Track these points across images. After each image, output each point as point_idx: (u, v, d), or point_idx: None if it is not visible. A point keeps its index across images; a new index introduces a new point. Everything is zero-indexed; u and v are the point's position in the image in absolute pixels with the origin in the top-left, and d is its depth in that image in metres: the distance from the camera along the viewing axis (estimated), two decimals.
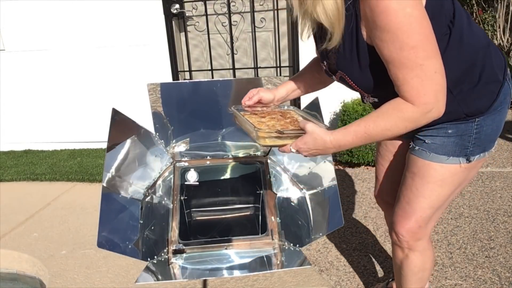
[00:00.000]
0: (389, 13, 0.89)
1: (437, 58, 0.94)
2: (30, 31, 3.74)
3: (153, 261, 1.62)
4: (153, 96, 2.00)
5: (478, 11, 4.81)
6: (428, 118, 0.97)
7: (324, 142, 1.07)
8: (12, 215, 2.78)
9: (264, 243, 1.74)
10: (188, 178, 1.99)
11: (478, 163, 1.17)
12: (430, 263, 1.35)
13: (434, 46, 0.94)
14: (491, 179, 2.80)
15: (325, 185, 1.74)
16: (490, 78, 1.09)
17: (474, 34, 1.08)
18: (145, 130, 1.98)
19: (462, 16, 1.06)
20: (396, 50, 0.93)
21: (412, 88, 0.94)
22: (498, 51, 1.14)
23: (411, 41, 0.91)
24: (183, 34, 3.74)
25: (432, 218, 1.25)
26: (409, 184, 1.22)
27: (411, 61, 0.92)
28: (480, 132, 1.12)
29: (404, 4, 0.89)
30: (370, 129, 1.01)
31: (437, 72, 0.93)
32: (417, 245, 1.29)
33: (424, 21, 0.92)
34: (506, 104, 1.14)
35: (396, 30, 0.90)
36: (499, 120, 1.14)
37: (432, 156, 1.15)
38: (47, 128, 4.03)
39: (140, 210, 1.74)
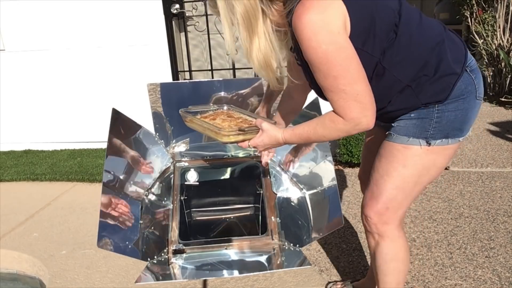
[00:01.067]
0: (310, 51, 1.05)
1: (358, 83, 1.07)
2: (30, 31, 3.73)
3: (153, 261, 1.62)
4: (153, 96, 2.00)
5: (478, 11, 4.81)
6: (359, 129, 1.12)
7: (277, 138, 1.26)
8: (12, 215, 2.78)
9: (264, 243, 1.74)
10: (188, 178, 1.99)
11: (443, 150, 1.22)
12: (403, 254, 1.35)
13: (354, 73, 1.06)
14: (491, 179, 2.80)
15: (325, 185, 1.74)
16: (446, 71, 1.16)
17: (425, 33, 1.16)
18: (145, 130, 1.99)
19: (411, 18, 1.15)
20: (322, 78, 1.09)
21: (339, 107, 1.10)
22: (457, 44, 1.20)
23: (331, 72, 1.06)
24: (183, 34, 3.74)
25: (401, 204, 1.28)
26: (376, 166, 1.31)
27: (335, 87, 1.07)
28: (441, 117, 1.19)
29: (320, 42, 1.03)
30: (310, 134, 1.19)
31: (359, 94, 1.07)
32: (386, 231, 1.31)
33: (342, 53, 1.04)
34: (470, 94, 1.19)
35: (318, 64, 1.06)
36: (464, 109, 1.19)
37: (396, 138, 1.24)
38: (47, 128, 4.03)
39: (140, 210, 1.74)
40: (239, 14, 1.10)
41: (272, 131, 1.26)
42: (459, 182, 2.80)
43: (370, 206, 1.31)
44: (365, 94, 1.08)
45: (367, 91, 1.08)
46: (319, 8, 1.03)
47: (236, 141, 1.31)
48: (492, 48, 4.67)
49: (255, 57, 1.16)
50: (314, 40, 1.03)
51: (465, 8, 4.98)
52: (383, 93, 1.19)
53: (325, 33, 1.03)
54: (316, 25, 1.03)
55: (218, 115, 1.51)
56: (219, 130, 1.31)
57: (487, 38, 4.70)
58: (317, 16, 1.03)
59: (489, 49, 4.71)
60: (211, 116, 1.50)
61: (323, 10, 1.03)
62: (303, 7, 1.04)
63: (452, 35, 1.21)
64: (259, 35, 1.13)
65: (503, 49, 4.54)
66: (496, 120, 4.03)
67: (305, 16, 1.03)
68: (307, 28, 1.03)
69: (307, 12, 1.03)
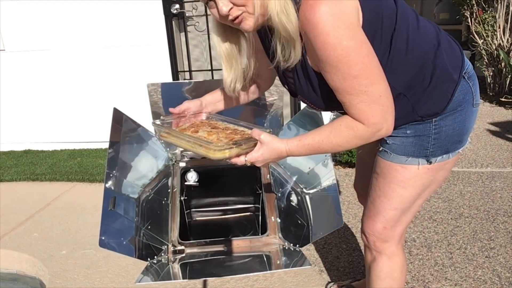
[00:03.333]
0: (327, 48, 0.92)
1: (381, 82, 0.96)
2: (30, 31, 3.73)
3: (153, 261, 1.62)
4: (154, 96, 2.00)
5: (478, 11, 4.81)
6: (378, 136, 1.01)
7: (280, 152, 1.09)
8: (12, 215, 2.78)
9: (264, 243, 1.74)
10: (188, 178, 1.99)
11: (444, 164, 1.14)
12: (399, 272, 1.28)
13: (377, 71, 0.96)
14: (491, 179, 2.80)
15: (325, 185, 1.74)
16: (443, 78, 1.06)
17: (422, 36, 1.06)
18: (146, 130, 1.99)
19: (407, 20, 1.05)
20: (339, 80, 0.96)
21: (360, 111, 0.98)
22: (454, 48, 1.11)
23: (352, 71, 0.93)
24: (183, 34, 3.74)
25: (399, 221, 1.22)
26: (373, 184, 1.22)
27: (355, 89, 0.95)
28: (440, 133, 1.10)
29: (340, 37, 0.91)
30: (323, 144, 1.04)
31: (382, 96, 0.96)
32: (385, 248, 1.26)
33: (363, 49, 0.94)
34: (467, 104, 1.10)
35: (337, 63, 0.93)
36: (462, 120, 1.10)
37: (393, 157, 1.14)
38: (47, 128, 4.03)
39: (140, 210, 1.74)
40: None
41: (273, 144, 1.08)
42: (459, 182, 2.80)
43: (367, 225, 1.26)
44: (388, 95, 0.98)
45: (389, 92, 0.98)
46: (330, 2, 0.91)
47: (230, 157, 1.10)
48: (492, 48, 4.67)
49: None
50: (333, 35, 0.90)
51: (465, 8, 4.98)
52: None
53: (345, 27, 0.91)
54: (334, 17, 0.90)
55: (199, 127, 1.28)
56: (209, 144, 1.10)
57: (487, 38, 4.70)
58: (334, 8, 0.90)
59: (489, 49, 4.71)
60: (191, 128, 1.26)
61: (338, 2, 0.92)
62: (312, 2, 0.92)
63: (448, 38, 1.13)
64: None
65: (503, 49, 4.54)
66: (496, 120, 4.03)
67: (319, 7, 0.90)
68: (323, 20, 0.90)
69: (320, 3, 0.91)
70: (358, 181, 1.56)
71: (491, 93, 4.89)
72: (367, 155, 1.39)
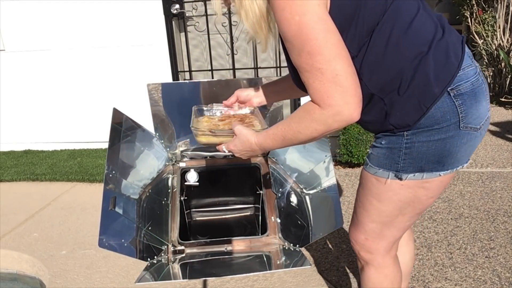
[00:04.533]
0: (282, 22, 0.91)
1: (338, 61, 0.89)
2: (30, 31, 3.74)
3: (153, 261, 1.62)
4: (153, 96, 2.00)
5: (478, 11, 4.81)
6: (340, 120, 0.92)
7: (250, 143, 1.11)
8: (12, 215, 2.78)
9: (264, 243, 1.74)
10: (188, 178, 1.99)
11: (421, 183, 1.05)
12: (389, 284, 1.22)
13: (334, 48, 0.89)
14: (491, 179, 2.80)
15: (325, 185, 1.74)
16: (422, 88, 0.97)
17: (409, 40, 0.97)
18: (146, 130, 1.99)
19: (396, 20, 0.97)
20: (296, 56, 0.93)
21: (315, 90, 0.92)
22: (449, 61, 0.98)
23: (305, 47, 0.90)
24: (183, 34, 3.74)
25: (381, 234, 1.16)
26: (357, 194, 1.20)
27: (310, 66, 0.91)
28: (411, 148, 1.01)
29: (294, 13, 0.88)
30: (285, 132, 1.02)
31: (338, 75, 0.89)
32: (370, 259, 1.22)
33: (319, 25, 0.89)
34: (449, 124, 0.98)
35: (291, 38, 0.91)
36: (440, 140, 0.99)
37: (369, 167, 1.11)
38: (47, 128, 4.03)
39: (140, 210, 1.75)
40: None
41: (244, 135, 1.12)
42: (459, 182, 2.80)
43: (351, 233, 1.25)
44: (347, 74, 0.89)
45: (349, 72, 0.90)
46: None
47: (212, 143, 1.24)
48: (492, 48, 4.68)
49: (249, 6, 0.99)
50: (288, 11, 0.89)
51: (465, 8, 4.98)
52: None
53: (300, 3, 0.88)
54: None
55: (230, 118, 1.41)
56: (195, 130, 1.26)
57: (487, 38, 4.70)
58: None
59: (489, 49, 4.71)
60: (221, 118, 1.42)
61: None
62: None
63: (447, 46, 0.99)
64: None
65: (503, 49, 4.54)
66: (496, 120, 4.03)
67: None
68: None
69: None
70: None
71: (491, 93, 4.89)
72: None
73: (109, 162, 1.64)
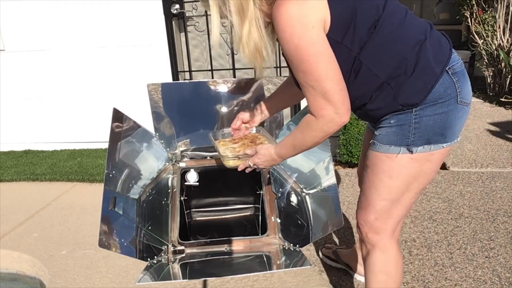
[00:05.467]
0: (283, 42, 1.06)
1: (328, 81, 1.06)
2: (30, 31, 3.74)
3: (153, 261, 1.62)
4: (154, 96, 2.00)
5: (478, 11, 4.81)
6: (333, 126, 1.11)
7: (271, 154, 1.32)
8: (12, 215, 2.78)
9: (264, 243, 1.74)
10: (188, 178, 1.99)
11: (428, 156, 1.18)
12: (393, 267, 1.30)
13: (323, 70, 1.05)
14: (491, 179, 2.80)
15: (325, 185, 1.74)
16: (425, 70, 1.12)
17: (406, 31, 1.13)
18: (146, 130, 1.99)
19: (394, 15, 1.13)
20: (294, 71, 1.11)
21: (310, 103, 1.11)
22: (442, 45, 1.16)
23: (300, 67, 1.07)
24: (183, 34, 3.74)
25: (390, 213, 1.25)
26: (364, 176, 1.29)
27: (304, 82, 1.09)
28: (420, 122, 1.15)
29: (293, 36, 1.03)
30: (294, 142, 1.23)
31: (327, 92, 1.06)
32: (377, 241, 1.29)
33: (313, 48, 1.04)
34: (449, 98, 1.14)
35: (290, 56, 1.08)
36: (443, 113, 1.14)
37: (379, 147, 1.21)
38: (47, 128, 4.03)
39: (140, 210, 1.75)
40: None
41: (265, 150, 1.34)
42: (459, 182, 2.80)
43: (360, 215, 1.32)
44: (334, 92, 1.07)
45: (336, 89, 1.07)
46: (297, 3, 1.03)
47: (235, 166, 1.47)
48: (492, 48, 4.67)
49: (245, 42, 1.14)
50: (288, 32, 1.04)
51: (465, 8, 4.97)
52: (363, 90, 1.18)
53: (299, 26, 1.03)
54: (292, 17, 1.03)
55: (242, 139, 1.62)
56: (222, 157, 1.49)
57: (487, 38, 4.70)
58: (294, 8, 1.03)
59: (489, 49, 4.71)
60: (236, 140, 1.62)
61: (302, 2, 1.03)
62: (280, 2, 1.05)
63: (438, 35, 1.18)
64: (250, 21, 1.12)
65: (503, 49, 4.54)
66: (496, 120, 4.03)
67: (283, 8, 1.03)
68: (283, 19, 1.04)
69: (286, 3, 1.03)
70: (361, 165, 1.63)
71: (491, 93, 4.89)
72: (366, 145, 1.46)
73: (109, 162, 1.64)
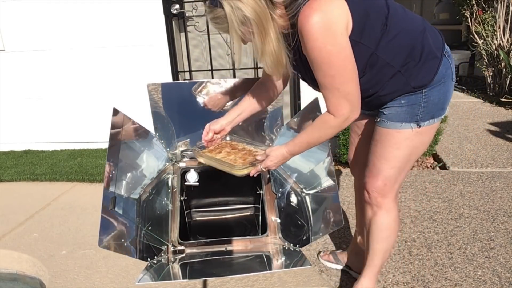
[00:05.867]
0: (314, 50, 1.16)
1: (351, 83, 1.22)
2: (30, 31, 3.73)
3: (153, 261, 1.62)
4: (154, 96, 2.00)
5: (478, 11, 4.81)
6: (348, 122, 1.29)
7: (282, 154, 1.45)
8: (12, 215, 2.78)
9: (264, 243, 1.74)
10: (188, 178, 1.99)
11: (430, 129, 1.39)
12: (394, 224, 1.53)
13: (351, 73, 1.21)
14: (491, 179, 2.80)
15: (325, 185, 1.74)
16: (430, 55, 1.30)
17: (410, 22, 1.30)
18: (146, 130, 1.99)
19: (397, 11, 1.29)
20: (320, 76, 1.22)
21: (332, 104, 1.25)
22: (436, 33, 1.35)
23: (330, 72, 1.19)
24: (183, 35, 3.74)
25: (397, 179, 1.46)
26: (373, 150, 1.46)
27: (331, 85, 1.22)
28: (428, 101, 1.34)
29: (326, 42, 1.15)
30: (309, 139, 1.37)
31: (349, 93, 1.23)
32: (384, 203, 1.49)
33: (342, 54, 1.18)
34: (448, 77, 1.35)
35: (320, 63, 1.19)
36: (445, 90, 1.35)
37: (389, 124, 1.38)
38: (47, 128, 4.03)
39: (140, 210, 1.74)
40: (251, 16, 1.16)
41: (276, 150, 1.46)
42: (459, 182, 2.80)
43: (371, 183, 1.48)
44: (354, 93, 1.24)
45: (356, 90, 1.24)
46: (325, 10, 1.14)
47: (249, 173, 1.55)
48: (492, 48, 4.68)
49: (269, 56, 1.23)
50: (320, 41, 1.14)
51: (465, 8, 4.98)
52: (377, 80, 1.31)
53: (330, 35, 1.14)
54: (323, 27, 1.13)
55: (223, 148, 1.72)
56: (233, 166, 1.56)
57: (487, 38, 4.70)
58: (323, 18, 1.13)
59: (489, 49, 4.71)
60: (217, 150, 1.70)
61: (329, 11, 1.14)
62: (310, 8, 1.14)
63: (430, 26, 1.36)
64: (271, 35, 1.21)
65: (503, 49, 4.54)
66: (496, 120, 4.03)
67: (312, 18, 1.13)
68: (314, 29, 1.13)
69: (314, 13, 1.13)
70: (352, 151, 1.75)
71: (491, 93, 4.89)
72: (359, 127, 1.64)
73: (109, 162, 1.64)
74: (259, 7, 1.16)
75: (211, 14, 1.22)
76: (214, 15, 1.21)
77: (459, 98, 4.99)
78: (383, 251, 1.57)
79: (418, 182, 2.83)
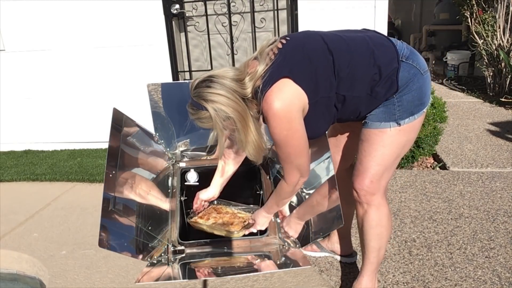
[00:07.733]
0: (274, 134, 1.37)
1: (302, 157, 1.43)
2: (30, 31, 3.73)
3: (153, 261, 1.62)
4: (154, 96, 2.00)
5: (478, 11, 4.81)
6: (298, 187, 1.53)
7: (264, 216, 1.71)
8: (12, 215, 2.78)
9: (264, 243, 1.74)
10: (188, 178, 1.99)
11: (412, 126, 1.46)
12: (386, 220, 1.58)
13: (302, 149, 1.41)
14: (491, 179, 2.80)
15: None
16: (387, 70, 1.39)
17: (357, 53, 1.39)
18: (146, 130, 1.99)
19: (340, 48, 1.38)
20: (279, 151, 1.43)
21: (286, 172, 1.49)
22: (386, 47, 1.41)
23: (286, 149, 1.41)
24: (183, 34, 3.74)
25: (383, 176, 1.52)
26: (359, 149, 1.54)
27: (286, 158, 1.44)
28: (401, 101, 1.42)
29: (282, 129, 1.35)
30: (276, 202, 1.64)
31: (301, 165, 1.45)
32: (373, 200, 1.54)
33: (296, 136, 1.38)
34: (415, 75, 1.41)
35: (279, 142, 1.39)
36: (417, 87, 1.41)
37: (371, 124, 1.47)
38: (47, 128, 4.03)
39: (140, 210, 1.74)
40: (234, 116, 1.35)
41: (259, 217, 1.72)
42: (459, 182, 2.80)
43: (358, 181, 1.54)
44: (305, 165, 1.46)
45: (306, 162, 1.46)
46: (280, 98, 1.31)
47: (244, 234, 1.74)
48: (492, 48, 4.67)
49: (251, 144, 1.42)
50: (278, 128, 1.34)
51: (465, 8, 4.97)
52: (352, 109, 1.45)
53: (286, 122, 1.34)
54: (280, 116, 1.32)
55: (210, 214, 1.88)
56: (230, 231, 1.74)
57: (487, 39, 4.70)
58: (280, 108, 1.31)
59: (489, 49, 4.71)
60: (205, 216, 1.86)
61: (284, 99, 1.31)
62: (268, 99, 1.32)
63: (377, 39, 1.44)
64: (251, 127, 1.39)
65: (503, 49, 4.54)
66: (496, 120, 4.03)
67: (270, 103, 1.31)
68: (273, 118, 1.33)
69: (271, 98, 1.31)
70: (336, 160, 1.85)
71: (491, 93, 4.89)
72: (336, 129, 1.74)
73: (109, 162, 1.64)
74: (239, 106, 1.35)
75: (195, 115, 1.39)
76: (199, 116, 1.39)
77: (459, 98, 4.99)
78: (377, 248, 1.61)
79: (418, 182, 2.83)
